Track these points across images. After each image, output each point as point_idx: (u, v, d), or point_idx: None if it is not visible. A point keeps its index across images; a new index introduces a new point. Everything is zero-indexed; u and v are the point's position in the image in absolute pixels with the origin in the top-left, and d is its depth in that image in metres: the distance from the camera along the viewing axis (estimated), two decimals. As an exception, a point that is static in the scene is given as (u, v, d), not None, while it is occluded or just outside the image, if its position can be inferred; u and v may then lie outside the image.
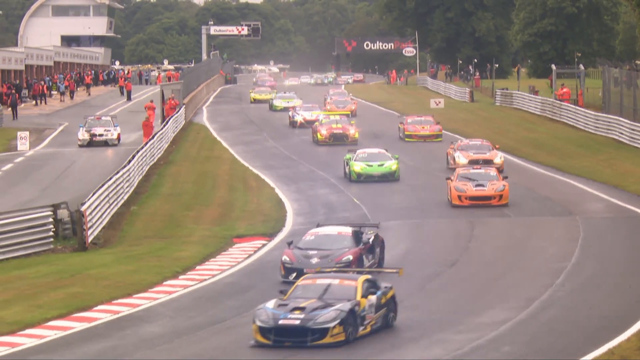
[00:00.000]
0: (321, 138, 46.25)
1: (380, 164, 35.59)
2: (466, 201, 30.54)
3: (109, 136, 48.32)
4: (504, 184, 30.85)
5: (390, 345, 17.31)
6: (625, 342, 16.87)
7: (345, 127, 46.59)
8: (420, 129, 47.61)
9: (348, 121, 47.94)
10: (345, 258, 21.77)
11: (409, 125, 47.94)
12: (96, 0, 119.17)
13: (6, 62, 75.16)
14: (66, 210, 27.87)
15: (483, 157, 37.57)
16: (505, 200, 30.60)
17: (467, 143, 39.22)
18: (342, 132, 46.17)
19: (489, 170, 31.69)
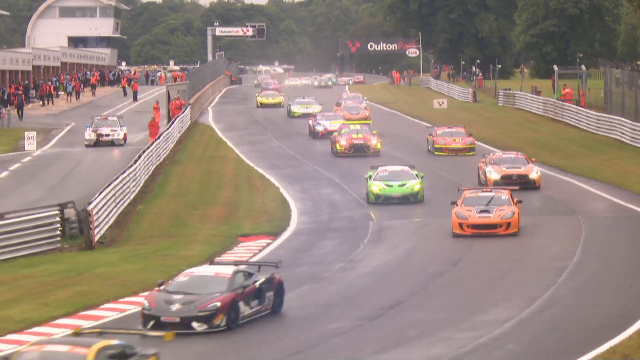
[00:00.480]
0: (340, 149, 42.51)
1: (402, 183, 31.83)
2: (468, 230, 26.76)
3: (116, 136, 48.54)
4: (514, 210, 26.91)
5: (394, 344, 17.41)
6: (627, 340, 16.98)
7: (366, 137, 42.84)
8: (451, 142, 43.21)
9: (369, 131, 43.98)
10: (212, 305, 18.31)
11: (438, 138, 43.41)
12: (103, 2, 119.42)
13: (14, 62, 75.49)
14: (73, 210, 28.06)
15: (517, 172, 33.85)
16: (514, 229, 26.74)
17: (499, 156, 35.17)
18: (363, 143, 42.50)
19: (500, 193, 27.76)
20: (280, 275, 19.99)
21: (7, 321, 19.40)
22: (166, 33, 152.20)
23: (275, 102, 67.30)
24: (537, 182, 33.78)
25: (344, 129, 44.20)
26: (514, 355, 16.66)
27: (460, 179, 35.79)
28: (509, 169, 33.96)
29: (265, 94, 69.58)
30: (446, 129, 44.46)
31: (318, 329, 18.59)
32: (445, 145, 43.10)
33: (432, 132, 44.31)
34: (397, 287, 21.88)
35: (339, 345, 17.47)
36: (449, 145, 43.08)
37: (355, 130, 43.67)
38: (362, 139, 42.65)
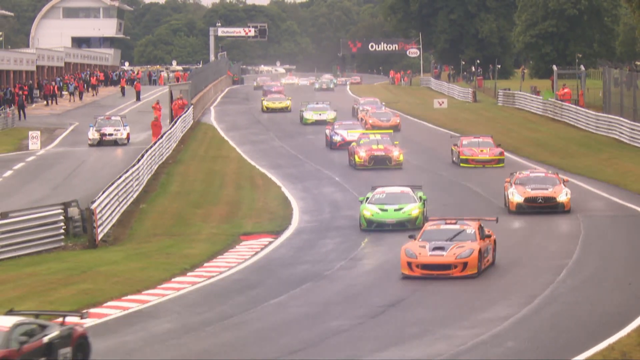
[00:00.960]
0: (359, 161, 38.73)
1: (399, 208, 27.70)
2: (417, 270, 22.05)
3: (119, 136, 48.76)
4: (474, 247, 22.13)
5: (395, 341, 17.46)
6: (626, 337, 17.06)
7: (387, 148, 39.12)
8: (478, 153, 39.64)
9: (391, 141, 40.00)
10: None
11: (464, 148, 39.84)
12: (106, 3, 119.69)
13: (18, 63, 75.75)
14: (77, 209, 28.16)
15: (543, 194, 29.45)
16: (472, 270, 21.99)
17: (527, 175, 30.74)
18: (384, 155, 38.82)
19: (466, 226, 22.88)
20: (83, 328, 16.69)
21: (12, 319, 19.63)
22: (169, 33, 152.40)
23: (283, 106, 63.42)
24: (567, 205, 29.32)
25: (363, 139, 40.11)
26: (513, 352, 16.74)
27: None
28: (534, 191, 29.58)
29: (271, 98, 65.55)
30: (472, 138, 40.91)
31: (319, 326, 18.66)
32: (471, 156, 39.57)
33: (457, 143, 40.72)
34: (398, 285, 21.94)
35: (340, 343, 17.55)
36: (476, 156, 39.54)
37: (375, 141, 39.66)
38: (383, 150, 38.99)
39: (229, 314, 19.76)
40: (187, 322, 19.23)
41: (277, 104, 63.86)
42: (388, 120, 51.38)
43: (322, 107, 56.25)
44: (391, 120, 51.69)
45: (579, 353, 16.31)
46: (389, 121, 51.32)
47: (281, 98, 65.13)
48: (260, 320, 19.31)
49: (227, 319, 19.34)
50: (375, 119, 51.44)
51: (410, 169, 39.21)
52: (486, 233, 23.29)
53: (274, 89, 78.49)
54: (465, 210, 29.54)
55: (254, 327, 18.78)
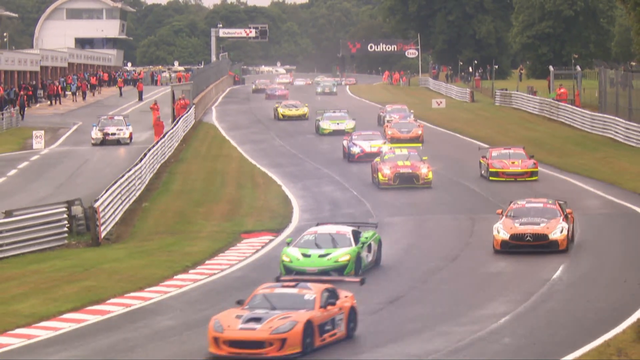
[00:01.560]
0: (383, 180, 34.20)
1: (325, 253, 22.34)
2: (225, 348, 16.69)
3: (121, 135, 49.00)
4: (300, 319, 16.75)
5: (394, 338, 17.56)
6: (621, 334, 17.20)
7: (415, 164, 34.54)
8: (509, 165, 36.00)
9: (419, 156, 35.50)
10: None
11: (494, 160, 36.14)
12: (109, 4, 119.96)
13: (22, 63, 76.04)
14: (80, 207, 28.29)
15: (533, 231, 24.37)
16: (293, 349, 16.64)
17: (522, 206, 25.47)
18: (411, 172, 34.31)
19: (306, 290, 17.52)
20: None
21: (16, 316, 19.65)
22: (171, 34, 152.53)
23: (300, 113, 57.90)
24: (562, 243, 24.29)
25: (388, 154, 35.56)
26: (510, 348, 16.84)
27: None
28: (523, 226, 24.48)
29: (287, 105, 59.63)
30: (502, 150, 37.22)
31: None
32: (502, 169, 35.95)
33: (486, 154, 37.05)
34: (397, 282, 22.04)
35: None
36: (507, 169, 35.94)
37: (402, 156, 35.10)
38: (409, 167, 34.41)
39: None
40: (188, 319, 19.32)
41: (294, 111, 58.36)
42: (409, 132, 46.29)
43: (340, 116, 51.28)
44: (412, 131, 46.34)
45: (575, 349, 16.42)
46: (409, 132, 46.24)
47: (298, 105, 59.44)
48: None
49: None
50: (395, 130, 46.43)
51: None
52: (336, 300, 17.69)
53: (278, 92, 75.04)
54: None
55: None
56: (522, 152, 36.83)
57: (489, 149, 38.15)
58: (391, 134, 45.87)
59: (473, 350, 16.81)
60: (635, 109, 48.30)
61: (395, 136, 45.51)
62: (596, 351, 16.29)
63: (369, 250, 22.96)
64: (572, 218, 25.23)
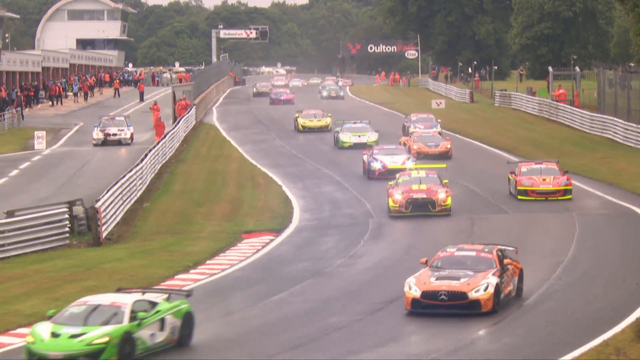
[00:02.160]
0: (394, 206, 29.78)
1: (80, 332, 16.57)
2: None
3: (123, 135, 49.11)
4: None
5: (393, 337, 17.65)
6: (620, 333, 17.26)
7: (431, 189, 29.98)
8: (540, 182, 32.14)
9: (439, 179, 30.71)
10: None
11: (523, 177, 32.20)
12: (110, 5, 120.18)
13: (24, 64, 76.19)
14: (81, 207, 28.40)
15: (449, 288, 19.02)
16: None
17: (450, 254, 20.34)
18: (426, 198, 29.73)
19: None
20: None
21: (18, 315, 19.74)
22: (172, 35, 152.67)
23: (322, 124, 52.20)
24: (485, 304, 19.03)
25: (402, 177, 31.01)
26: (509, 348, 16.88)
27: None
28: (439, 281, 19.22)
29: (307, 115, 53.44)
30: (533, 165, 33.13)
31: (319, 322, 18.83)
32: (531, 187, 32.07)
33: (515, 170, 33.09)
34: (397, 282, 21.79)
35: (339, 339, 17.73)
36: (537, 187, 32.05)
37: (417, 179, 30.54)
38: (425, 191, 29.91)
39: (231, 310, 19.91)
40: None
41: (316, 122, 52.46)
42: (437, 146, 41.38)
43: (361, 128, 46.09)
44: (441, 145, 41.51)
45: (573, 349, 16.47)
46: (437, 146, 41.37)
47: (320, 115, 53.48)
48: (262, 316, 19.51)
49: (229, 315, 19.49)
50: (421, 143, 41.41)
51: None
52: None
53: (283, 97, 71.44)
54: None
55: (256, 323, 18.97)
56: (555, 168, 32.75)
57: (518, 164, 33.69)
58: (417, 148, 40.77)
59: (473, 349, 16.87)
60: (634, 109, 48.45)
61: (422, 151, 40.69)
62: (595, 351, 16.33)
63: (160, 327, 17.19)
64: (516, 269, 20.09)
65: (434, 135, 43.07)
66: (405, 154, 37.54)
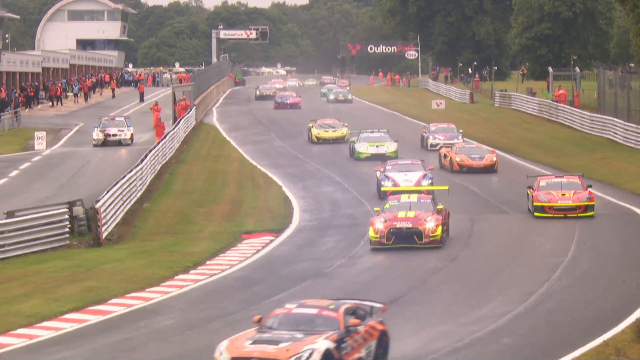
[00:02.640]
0: (374, 237, 25.90)
1: None
2: None
3: (123, 136, 49.14)
4: None
5: (393, 337, 17.29)
6: (620, 334, 17.28)
7: (419, 217, 25.89)
8: (558, 198, 28.92)
9: (432, 205, 26.76)
10: None
11: (540, 192, 29.11)
12: (110, 6, 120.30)
13: (24, 64, 76.25)
14: (81, 208, 28.38)
15: (261, 355, 15.20)
16: None
17: (287, 311, 16.26)
18: (412, 228, 25.66)
19: None
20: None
21: (18, 316, 19.75)
22: (172, 36, 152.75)
23: (338, 135, 47.62)
24: None
25: (391, 202, 27.00)
26: (509, 348, 16.91)
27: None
28: (255, 345, 15.37)
29: (322, 125, 48.76)
30: (554, 178, 30.05)
31: None
32: (548, 202, 28.98)
33: (534, 184, 29.99)
34: (396, 282, 22.12)
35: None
36: (555, 202, 28.92)
37: (407, 205, 26.72)
38: (411, 219, 25.85)
39: (231, 310, 19.90)
40: (189, 319, 19.40)
41: (331, 132, 47.96)
42: (481, 158, 37.76)
43: (379, 138, 42.20)
44: (486, 158, 37.80)
45: (574, 349, 16.48)
46: (482, 159, 37.75)
47: (336, 125, 48.83)
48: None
49: (229, 316, 19.47)
50: (464, 155, 37.79)
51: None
52: None
53: (290, 100, 66.76)
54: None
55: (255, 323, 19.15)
56: (578, 182, 29.65)
57: (537, 178, 30.40)
58: (460, 160, 37.67)
59: (472, 350, 16.88)
60: (634, 109, 48.50)
61: (464, 163, 37.63)
62: (595, 351, 16.35)
63: None
64: (374, 332, 16.48)
65: (478, 147, 39.58)
66: (422, 170, 33.05)
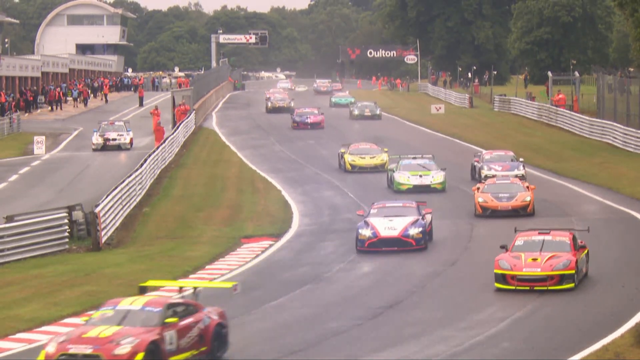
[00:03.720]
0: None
1: None
2: None
3: (122, 140, 49.20)
4: None
5: (393, 342, 17.71)
6: (619, 338, 17.34)
7: None
8: (524, 264, 21.48)
9: None
10: None
11: (504, 257, 21.73)
12: (110, 10, 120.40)
13: (23, 69, 76.30)
14: (81, 212, 28.49)
15: None
16: None
17: None
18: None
19: None
20: None
21: (18, 320, 19.81)
22: (171, 40, 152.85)
23: (376, 163, 40.60)
24: None
25: None
26: (508, 353, 16.96)
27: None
28: None
29: (357, 150, 41.40)
30: (534, 236, 22.64)
31: (319, 327, 18.90)
32: (512, 270, 21.36)
33: (508, 244, 22.49)
34: (396, 287, 22.18)
35: (339, 344, 17.81)
36: (520, 270, 21.35)
37: None
38: None
39: (231, 315, 19.53)
40: (189, 323, 19.60)
41: (368, 160, 40.81)
42: (512, 198, 30.25)
43: (424, 166, 35.82)
44: (517, 197, 30.27)
45: (573, 354, 16.53)
46: (513, 199, 30.23)
47: (373, 150, 41.44)
48: (261, 321, 19.58)
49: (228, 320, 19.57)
50: (490, 195, 30.40)
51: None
52: None
53: (311, 118, 56.37)
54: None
55: (255, 327, 19.04)
56: (567, 241, 22.14)
57: (516, 233, 23.30)
58: (482, 201, 30.23)
59: (472, 354, 16.92)
60: (633, 114, 48.53)
61: (488, 205, 30.13)
62: (594, 355, 16.41)
63: None
64: None
65: (513, 183, 31.25)
66: (415, 214, 26.78)
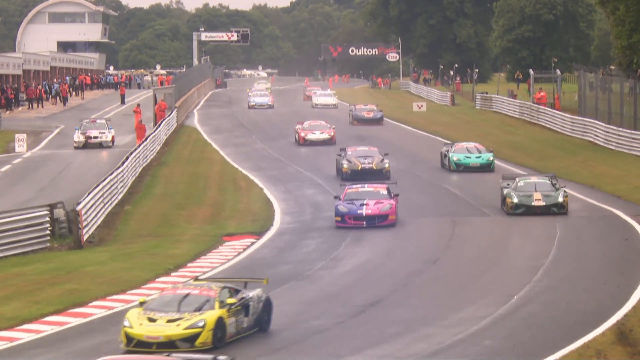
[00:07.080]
0: None
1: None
2: None
3: (104, 138, 49.03)
4: None
5: (375, 340, 17.71)
6: (601, 336, 17.39)
7: None
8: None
9: None
10: None
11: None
12: (91, 8, 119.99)
13: (4, 67, 75.93)
14: (62, 210, 28.32)
15: None
16: None
17: None
18: None
19: None
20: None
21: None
22: (153, 38, 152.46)
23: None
24: None
25: None
26: (490, 350, 16.98)
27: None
28: None
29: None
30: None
31: (301, 326, 18.87)
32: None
33: None
34: (378, 285, 22.20)
35: (321, 342, 17.80)
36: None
37: None
38: None
39: None
40: (171, 321, 19.55)
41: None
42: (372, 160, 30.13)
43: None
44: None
45: (555, 351, 16.56)
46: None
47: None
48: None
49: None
50: None
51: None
52: None
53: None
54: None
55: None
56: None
57: None
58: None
59: (454, 352, 16.94)
60: (615, 112, 48.72)
61: None
62: (576, 353, 16.43)
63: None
64: None
65: None
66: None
